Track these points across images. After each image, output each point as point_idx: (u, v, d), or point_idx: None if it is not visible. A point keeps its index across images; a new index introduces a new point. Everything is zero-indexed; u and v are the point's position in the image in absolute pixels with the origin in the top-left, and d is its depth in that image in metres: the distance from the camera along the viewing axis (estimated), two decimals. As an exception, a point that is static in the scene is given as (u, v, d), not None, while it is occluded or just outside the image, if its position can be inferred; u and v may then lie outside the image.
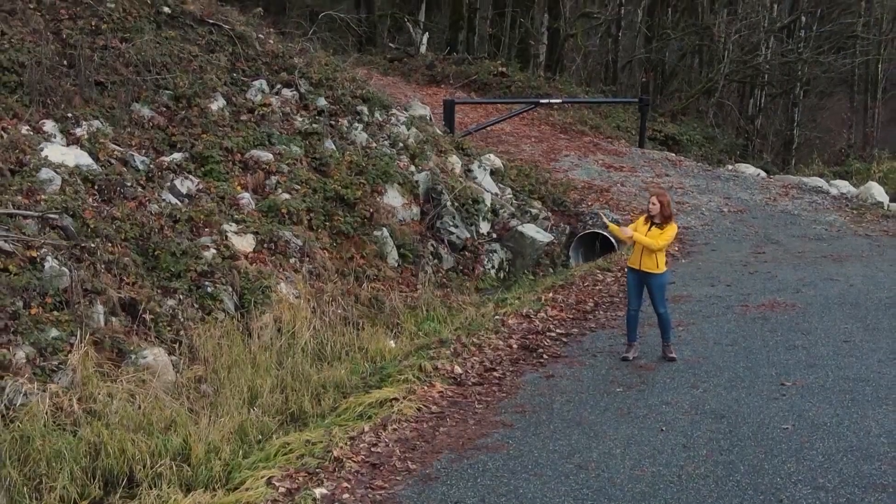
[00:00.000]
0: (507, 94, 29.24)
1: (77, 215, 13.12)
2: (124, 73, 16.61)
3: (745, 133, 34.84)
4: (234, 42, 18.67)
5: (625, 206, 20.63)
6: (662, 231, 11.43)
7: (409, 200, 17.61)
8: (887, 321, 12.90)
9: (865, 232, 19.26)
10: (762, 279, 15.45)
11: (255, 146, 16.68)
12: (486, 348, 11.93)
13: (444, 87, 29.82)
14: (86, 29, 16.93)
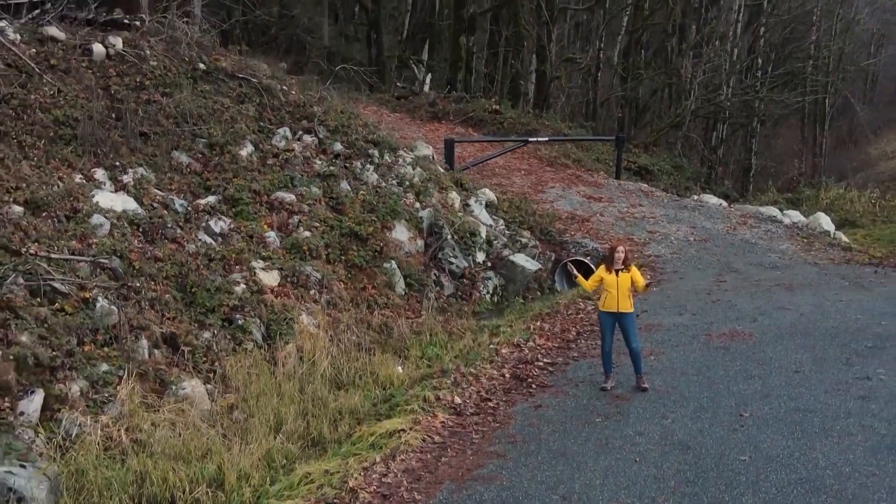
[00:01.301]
0: (500, 130, 29.22)
1: (124, 257, 13.15)
2: (165, 125, 16.64)
3: (708, 162, 34.85)
4: (261, 94, 18.69)
5: (603, 234, 20.59)
6: (632, 273, 11.51)
7: (415, 234, 17.61)
8: (833, 351, 12.85)
9: (814, 260, 19.09)
10: (723, 308, 15.35)
11: (279, 188, 16.66)
12: (483, 378, 11.96)
13: (444, 123, 29.80)
14: (131, 85, 16.95)
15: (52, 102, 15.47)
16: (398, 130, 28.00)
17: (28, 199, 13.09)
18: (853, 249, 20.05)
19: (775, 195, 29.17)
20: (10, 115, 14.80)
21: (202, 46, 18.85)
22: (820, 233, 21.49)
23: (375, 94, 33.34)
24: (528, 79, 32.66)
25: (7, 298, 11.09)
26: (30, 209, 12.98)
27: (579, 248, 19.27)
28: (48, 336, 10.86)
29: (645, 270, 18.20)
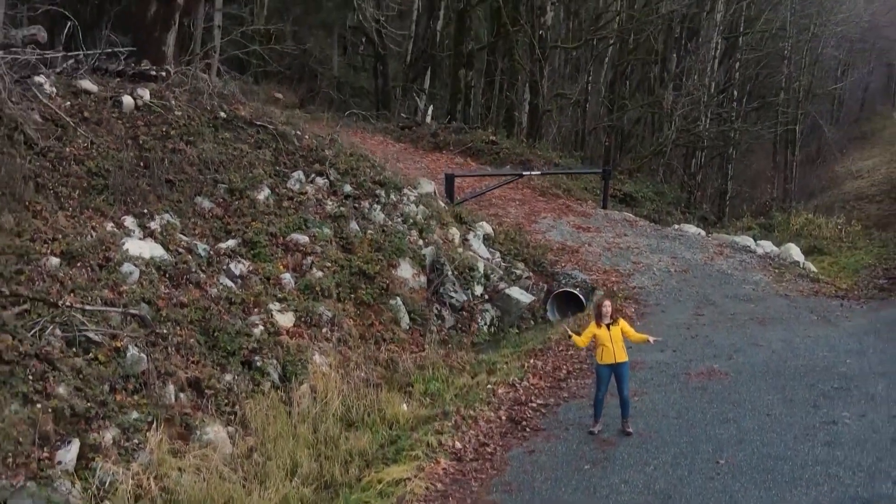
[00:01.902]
0: (496, 159, 29.16)
1: (152, 303, 13.18)
2: (189, 172, 16.63)
3: (688, 187, 34.82)
4: (277, 139, 18.68)
5: (591, 265, 20.54)
6: (621, 325, 11.61)
7: (418, 271, 17.62)
8: (801, 392, 12.89)
9: (785, 292, 18.94)
10: (701, 344, 15.33)
11: (294, 230, 16.66)
12: (481, 420, 12.01)
13: (445, 152, 29.75)
14: (158, 134, 16.92)
15: (86, 154, 15.49)
16: (402, 161, 27.94)
17: (64, 251, 13.13)
18: (821, 281, 19.91)
19: (749, 221, 29.10)
20: (48, 167, 14.82)
21: (223, 96, 18.87)
22: (790, 263, 21.30)
23: (381, 123, 33.28)
24: (521, 109, 32.66)
25: (46, 351, 11.16)
26: (65, 260, 13.03)
27: (569, 280, 19.25)
28: (83, 387, 10.94)
29: (630, 303, 18.29)
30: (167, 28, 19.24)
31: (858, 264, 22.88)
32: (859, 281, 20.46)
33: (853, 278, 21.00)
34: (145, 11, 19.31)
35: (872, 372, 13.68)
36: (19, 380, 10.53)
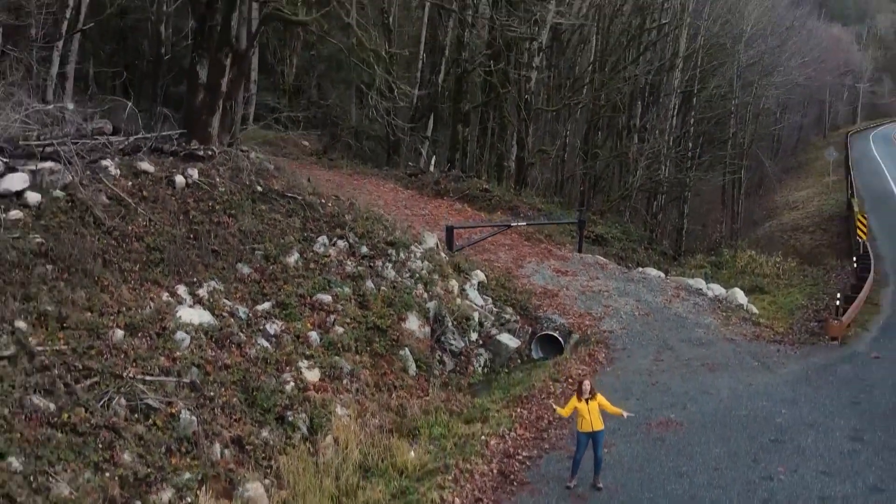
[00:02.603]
0: (488, 205, 29.19)
1: (201, 367, 13.25)
2: (231, 242, 16.69)
3: (650, 225, 34.94)
4: (305, 208, 18.75)
5: (569, 309, 20.55)
6: (598, 400, 11.74)
7: (423, 323, 17.66)
8: (744, 443, 12.98)
9: (731, 335, 18.88)
10: (660, 392, 15.36)
11: (319, 290, 16.71)
12: (476, 474, 12.08)
13: (446, 199, 29.77)
14: (205, 209, 16.99)
15: (145, 230, 15.57)
16: (410, 208, 28.00)
17: (127, 323, 13.23)
18: (761, 324, 19.83)
19: (702, 259, 29.19)
20: (113, 244, 14.92)
21: (259, 172, 18.95)
22: (736, 306, 21.26)
23: (391, 170, 33.30)
24: (509, 159, 32.72)
25: (113, 421, 11.29)
26: (128, 331, 13.12)
27: (550, 324, 19.35)
28: (144, 453, 11.06)
29: (601, 347, 18.34)
30: (212, 112, 19.30)
31: (793, 304, 22.91)
32: (794, 323, 20.47)
33: (789, 320, 20.99)
34: (194, 99, 19.38)
35: (803, 423, 13.79)
36: (91, 449, 10.68)
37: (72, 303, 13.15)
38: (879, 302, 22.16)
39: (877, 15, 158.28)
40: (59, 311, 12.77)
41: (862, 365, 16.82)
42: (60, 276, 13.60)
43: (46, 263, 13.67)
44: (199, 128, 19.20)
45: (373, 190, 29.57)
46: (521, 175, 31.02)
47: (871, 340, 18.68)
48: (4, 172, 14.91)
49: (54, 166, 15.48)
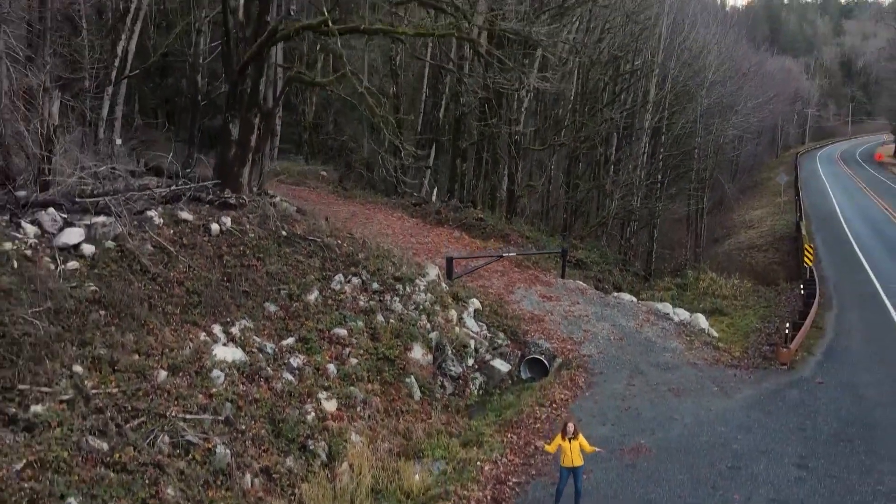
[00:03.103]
0: (483, 233, 29.17)
1: (234, 402, 13.32)
2: (260, 283, 16.72)
3: (624, 249, 35.01)
4: (323, 249, 18.79)
5: (553, 333, 20.55)
6: (579, 440, 11.81)
7: (426, 351, 17.72)
8: (704, 470, 12.98)
9: (695, 359, 18.85)
10: (632, 418, 15.32)
11: (336, 325, 16.76)
12: (472, 501, 12.17)
13: (446, 227, 29.76)
14: (236, 254, 17.03)
15: (185, 276, 15.60)
16: (415, 236, 28.01)
17: (170, 364, 13.27)
18: (720, 348, 19.82)
19: (669, 281, 29.22)
20: (157, 290, 14.95)
21: (284, 217, 19.01)
22: (698, 330, 21.26)
23: (399, 199, 33.26)
24: (501, 190, 32.75)
25: (158, 459, 11.37)
26: (171, 372, 13.16)
27: (537, 348, 19.42)
28: (185, 488, 11.13)
29: (581, 371, 18.37)
30: (243, 164, 19.38)
31: (748, 327, 22.89)
32: (749, 347, 20.46)
33: (744, 343, 20.97)
34: (227, 153, 19.45)
35: (757, 449, 13.84)
36: (139, 486, 10.74)
37: (122, 346, 13.21)
38: (823, 326, 22.13)
39: (823, 48, 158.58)
40: (111, 355, 12.83)
41: (808, 390, 16.84)
42: (112, 321, 13.65)
43: (100, 309, 13.71)
44: (232, 178, 19.26)
45: (383, 219, 29.60)
46: (511, 205, 31.05)
47: (816, 365, 18.68)
48: (63, 227, 14.97)
49: (106, 220, 15.54)
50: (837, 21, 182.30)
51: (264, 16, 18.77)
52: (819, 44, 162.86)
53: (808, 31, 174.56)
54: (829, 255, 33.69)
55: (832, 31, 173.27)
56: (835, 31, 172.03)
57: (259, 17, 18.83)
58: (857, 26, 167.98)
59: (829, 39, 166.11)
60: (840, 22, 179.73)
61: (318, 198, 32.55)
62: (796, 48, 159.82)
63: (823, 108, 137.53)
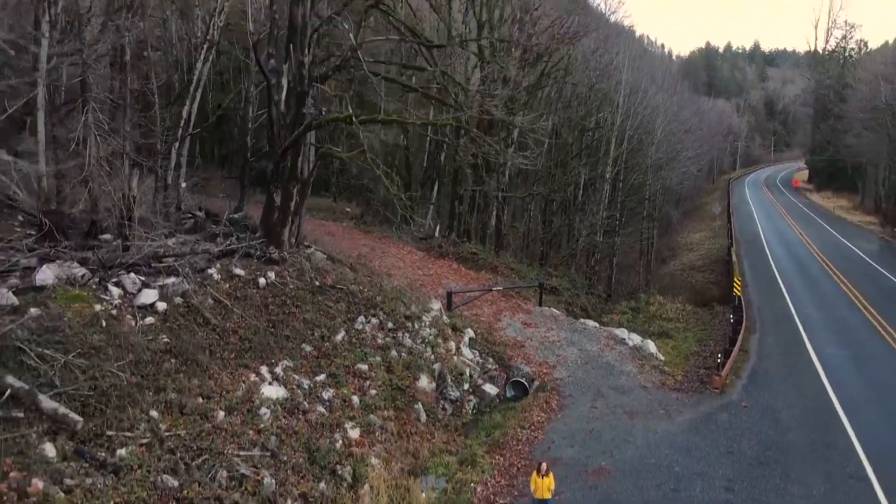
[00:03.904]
0: (476, 265, 29.15)
1: (278, 436, 13.41)
2: (298, 328, 16.73)
3: (589, 275, 35.06)
4: (348, 295, 18.77)
5: (532, 358, 20.49)
6: (549, 477, 11.91)
7: (430, 380, 17.77)
8: (653, 492, 12.87)
9: (646, 382, 18.65)
10: (595, 440, 15.19)
11: (358, 361, 16.78)
12: (468, 522, 12.26)
13: (446, 259, 29.70)
14: (279, 303, 17.00)
15: (238, 325, 15.63)
16: (421, 269, 27.91)
17: (226, 406, 13.35)
18: (665, 372, 19.76)
19: (625, 306, 29.25)
20: (216, 339, 15.00)
21: (317, 269, 19.07)
22: (648, 354, 21.14)
23: (408, 233, 33.12)
24: (491, 227, 32.77)
25: (218, 493, 11.47)
26: (227, 412, 13.23)
27: (519, 372, 19.47)
28: (240, 518, 11.27)
29: (554, 394, 18.35)
30: (284, 226, 19.45)
31: (688, 350, 22.86)
32: (689, 370, 20.42)
33: (685, 366, 20.95)
34: (271, 216, 19.53)
35: (694, 472, 13.83)
36: (203, 518, 10.87)
37: (188, 390, 13.30)
38: (749, 349, 22.18)
39: (750, 91, 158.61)
40: (180, 400, 12.92)
41: (735, 414, 16.87)
42: (181, 369, 13.73)
43: (171, 358, 13.80)
44: (275, 236, 19.35)
45: (395, 253, 29.58)
46: (499, 241, 31.10)
47: (742, 388, 18.72)
48: (141, 288, 15.08)
49: (175, 280, 15.65)
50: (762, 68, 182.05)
51: (301, 108, 18.89)
52: (748, 87, 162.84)
53: (738, 76, 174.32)
54: (755, 279, 33.68)
55: (758, 76, 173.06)
56: (760, 77, 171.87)
57: (297, 109, 18.94)
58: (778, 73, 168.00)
59: (755, 84, 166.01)
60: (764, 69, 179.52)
61: (343, 231, 32.55)
62: (729, 91, 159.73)
63: (751, 140, 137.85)
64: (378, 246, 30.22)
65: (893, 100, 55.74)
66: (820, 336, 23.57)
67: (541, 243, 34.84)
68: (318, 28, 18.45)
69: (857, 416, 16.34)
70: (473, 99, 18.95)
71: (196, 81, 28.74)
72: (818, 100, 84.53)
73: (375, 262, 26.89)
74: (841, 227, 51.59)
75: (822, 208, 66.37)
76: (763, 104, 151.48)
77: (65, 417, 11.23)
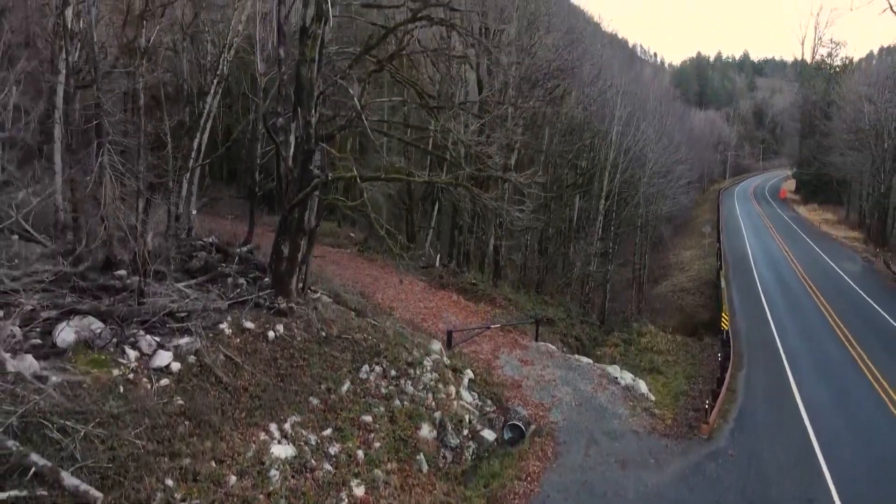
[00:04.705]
0: (475, 296, 29.24)
1: (286, 499, 13.57)
2: (305, 381, 16.79)
3: (584, 304, 35.26)
4: (353, 344, 18.92)
5: (528, 399, 20.51)
6: None
7: (432, 428, 17.82)
8: (643, 553, 13.28)
9: (637, 427, 18.62)
10: (588, 493, 15.14)
11: (363, 412, 16.81)
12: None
13: (447, 290, 29.80)
14: (287, 356, 17.14)
15: (248, 382, 15.75)
16: (423, 301, 28.02)
17: (238, 470, 13.45)
18: (656, 415, 19.86)
19: (617, 338, 29.31)
20: (228, 397, 15.13)
21: (323, 320, 19.23)
22: (639, 395, 21.12)
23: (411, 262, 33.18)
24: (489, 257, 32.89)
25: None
26: (238, 476, 13.32)
27: (516, 415, 19.59)
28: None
29: (549, 440, 18.45)
30: (292, 275, 19.62)
31: (678, 389, 22.92)
32: (678, 411, 20.55)
33: (675, 406, 21.11)
34: (279, 266, 19.67)
35: (683, 530, 14.07)
36: (217, 592, 11.07)
37: (202, 454, 13.42)
38: (736, 388, 22.32)
39: (740, 100, 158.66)
40: (194, 466, 13.06)
41: (722, 464, 16.97)
42: (194, 431, 13.86)
43: (185, 420, 13.93)
44: (283, 286, 19.51)
45: (398, 283, 29.73)
46: (497, 271, 31.26)
47: (729, 433, 18.83)
48: (157, 349, 15.27)
49: (189, 340, 15.84)
50: (752, 77, 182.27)
51: (307, 165, 19.06)
52: (737, 97, 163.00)
53: (728, 86, 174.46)
54: (742, 305, 33.82)
55: (747, 86, 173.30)
56: (749, 87, 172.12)
57: (304, 166, 19.12)
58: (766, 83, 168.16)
59: (745, 93, 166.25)
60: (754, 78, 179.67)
61: (348, 260, 32.71)
62: (719, 101, 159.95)
63: (741, 149, 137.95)
64: (381, 276, 30.37)
65: (877, 120, 55.93)
66: (804, 373, 23.73)
67: (537, 271, 34.99)
68: (323, 91, 18.61)
69: (838, 468, 16.51)
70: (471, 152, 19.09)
71: (206, 114, 28.91)
72: (804, 115, 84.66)
73: (378, 295, 27.09)
74: (826, 246, 51.75)
75: (809, 222, 66.57)
76: (752, 113, 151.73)
77: (86, 494, 11.43)
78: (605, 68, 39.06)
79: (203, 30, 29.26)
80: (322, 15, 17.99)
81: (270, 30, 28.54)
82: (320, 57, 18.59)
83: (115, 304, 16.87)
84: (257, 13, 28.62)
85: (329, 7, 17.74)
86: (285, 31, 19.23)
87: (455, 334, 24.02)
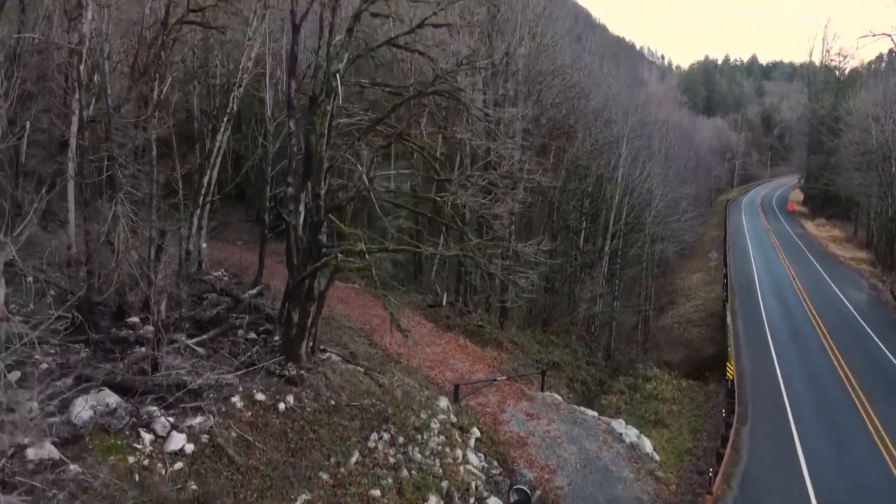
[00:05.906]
0: (482, 339, 29.35)
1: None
2: (315, 455, 16.74)
3: (588, 343, 35.30)
4: (362, 411, 19.12)
5: (534, 459, 20.57)
6: None
7: (439, 499, 17.88)
8: None
9: (641, 493, 18.70)
10: None
11: (371, 486, 16.84)
12: None
13: (453, 333, 29.73)
14: (297, 428, 17.05)
15: (259, 461, 15.83)
16: (430, 345, 28.09)
17: (252, 559, 13.87)
18: (660, 479, 19.96)
19: (622, 384, 29.27)
20: (239, 479, 15.30)
21: (332, 388, 19.43)
22: (643, 455, 21.09)
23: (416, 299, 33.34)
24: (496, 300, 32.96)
25: None
26: (251, 565, 13.79)
27: (521, 478, 19.74)
28: None
29: (555, 508, 18.68)
30: (301, 341, 19.84)
31: (683, 446, 22.98)
32: (683, 473, 20.64)
33: (679, 467, 21.17)
34: (289, 333, 19.88)
35: None
36: None
37: (215, 545, 13.79)
38: (740, 448, 22.30)
39: (747, 106, 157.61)
40: (207, 561, 13.41)
41: (726, 540, 17.17)
42: (207, 519, 14.21)
43: (198, 507, 14.27)
44: (293, 352, 19.73)
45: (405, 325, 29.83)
46: (503, 313, 31.40)
47: (733, 502, 18.97)
48: (170, 431, 15.53)
49: (202, 419, 16.10)
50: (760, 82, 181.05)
51: (316, 235, 19.34)
52: (745, 102, 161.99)
53: (736, 91, 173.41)
54: (748, 341, 33.68)
55: (755, 91, 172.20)
56: (757, 92, 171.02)
57: (313, 235, 19.39)
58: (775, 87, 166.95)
59: (752, 99, 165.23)
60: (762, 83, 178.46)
61: (356, 297, 32.78)
62: (727, 106, 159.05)
63: (748, 156, 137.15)
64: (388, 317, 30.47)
65: (884, 141, 55.61)
66: (806, 426, 23.71)
67: (542, 310, 35.09)
68: (333, 164, 18.87)
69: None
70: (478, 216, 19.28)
71: (217, 150, 29.27)
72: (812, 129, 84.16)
73: (387, 339, 27.25)
74: (833, 270, 51.53)
75: (816, 240, 66.26)
76: (760, 119, 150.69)
77: None
78: (612, 100, 39.00)
79: (213, 65, 29.56)
80: (331, 91, 18.24)
81: (280, 70, 28.75)
82: (330, 130, 18.85)
83: (129, 370, 17.25)
84: (267, 51, 28.85)
85: (339, 84, 17.97)
86: (295, 105, 19.48)
87: (462, 387, 24.19)
